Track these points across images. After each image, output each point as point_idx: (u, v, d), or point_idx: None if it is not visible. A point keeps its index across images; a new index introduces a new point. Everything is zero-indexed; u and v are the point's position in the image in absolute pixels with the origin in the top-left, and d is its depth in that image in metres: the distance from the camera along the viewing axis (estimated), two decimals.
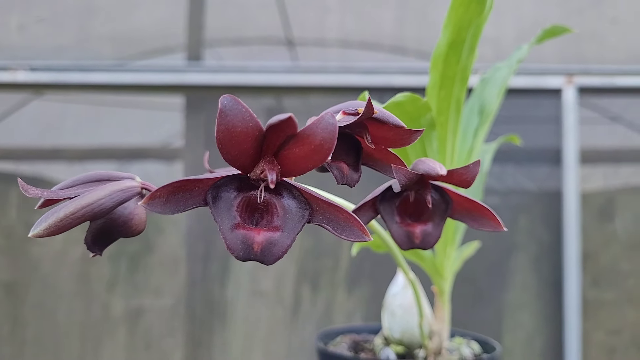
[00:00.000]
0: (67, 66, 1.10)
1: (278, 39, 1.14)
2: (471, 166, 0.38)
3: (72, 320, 1.10)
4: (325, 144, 0.28)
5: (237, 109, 0.27)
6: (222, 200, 0.31)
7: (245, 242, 0.30)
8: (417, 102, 0.52)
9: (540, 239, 1.12)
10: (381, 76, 1.09)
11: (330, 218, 0.32)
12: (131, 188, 0.35)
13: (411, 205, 0.42)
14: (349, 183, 0.38)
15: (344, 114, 0.37)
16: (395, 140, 0.38)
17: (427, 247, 0.42)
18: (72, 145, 1.14)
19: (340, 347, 0.68)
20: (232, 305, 1.10)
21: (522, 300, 1.11)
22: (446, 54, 0.54)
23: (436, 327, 0.65)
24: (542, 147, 1.14)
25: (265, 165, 0.30)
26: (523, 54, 0.63)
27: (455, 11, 0.51)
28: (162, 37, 1.13)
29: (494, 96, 0.62)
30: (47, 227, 0.31)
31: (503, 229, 0.41)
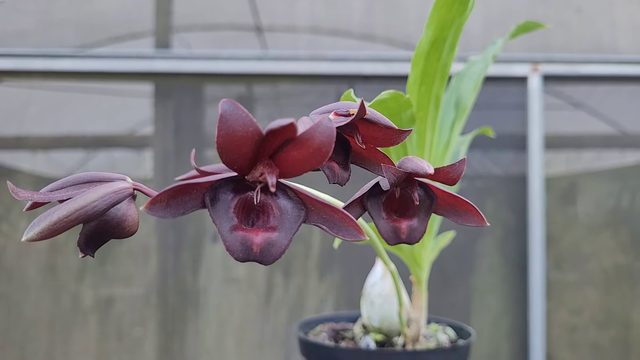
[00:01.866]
0: (29, 52, 1.07)
1: (248, 26, 1.12)
2: (457, 164, 0.39)
3: (40, 311, 1.08)
4: (323, 147, 0.29)
5: (237, 114, 0.28)
6: (220, 202, 0.31)
7: (245, 244, 0.30)
8: (399, 99, 0.53)
9: (506, 223, 1.14)
10: (351, 64, 1.09)
11: (326, 218, 0.32)
12: (123, 189, 0.34)
13: (397, 201, 0.42)
14: (339, 182, 0.39)
15: (336, 114, 0.38)
16: (384, 140, 0.39)
17: (413, 241, 0.43)
18: (36, 133, 1.11)
19: (320, 336, 0.69)
20: (205, 293, 1.10)
21: (489, 283, 1.14)
22: (428, 52, 0.55)
23: (414, 315, 0.66)
24: (508, 133, 1.16)
25: (265, 169, 0.30)
26: (497, 49, 0.64)
27: (438, 11, 0.52)
28: (128, 23, 1.10)
29: (469, 91, 0.63)
30: (40, 230, 0.31)
31: (486, 223, 0.42)
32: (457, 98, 0.65)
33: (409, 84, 0.58)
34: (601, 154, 1.20)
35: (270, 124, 0.28)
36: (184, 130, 1.09)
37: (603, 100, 1.17)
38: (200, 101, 1.11)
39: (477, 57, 0.67)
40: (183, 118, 1.09)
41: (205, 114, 1.11)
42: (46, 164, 1.11)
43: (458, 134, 0.65)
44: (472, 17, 1.15)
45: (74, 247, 1.08)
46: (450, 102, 0.65)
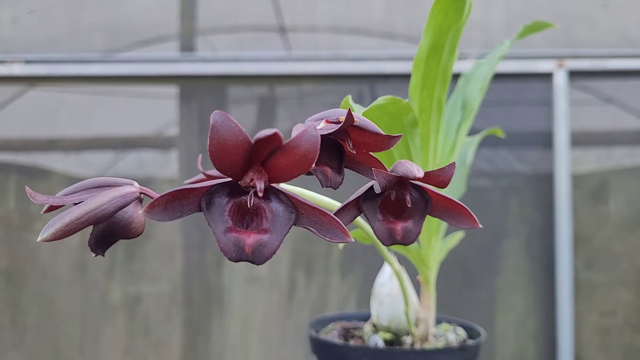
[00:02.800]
0: (61, 58, 1.11)
1: (270, 27, 1.14)
2: (447, 168, 0.40)
3: (71, 307, 1.12)
4: (309, 154, 0.30)
5: (227, 125, 0.29)
6: (215, 206, 0.33)
7: (237, 245, 0.32)
8: (399, 104, 0.54)
9: (532, 222, 1.13)
10: (372, 63, 1.10)
11: (315, 221, 0.34)
12: (130, 194, 0.37)
13: (392, 203, 0.43)
14: (332, 186, 0.40)
15: (327, 122, 0.39)
16: (375, 145, 0.40)
17: (408, 242, 0.43)
18: (68, 135, 1.15)
19: (331, 334, 0.69)
20: (229, 291, 1.12)
21: (515, 284, 1.12)
22: (427, 57, 0.55)
23: (422, 314, 0.67)
24: (533, 130, 1.14)
25: (254, 175, 0.32)
26: (505, 50, 0.64)
27: (434, 17, 0.52)
28: (154, 27, 1.13)
29: (476, 92, 0.63)
30: (54, 231, 0.33)
31: (479, 225, 0.42)
32: (464, 99, 0.65)
33: (410, 88, 0.59)
34: (633, 150, 1.17)
35: (257, 133, 0.30)
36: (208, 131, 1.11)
37: (634, 94, 1.14)
38: (224, 102, 1.13)
39: (484, 59, 0.66)
40: (207, 119, 1.12)
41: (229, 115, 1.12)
42: (78, 164, 1.15)
43: (464, 135, 0.65)
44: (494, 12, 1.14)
45: None
46: (457, 104, 0.65)
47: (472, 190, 1.13)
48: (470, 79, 0.66)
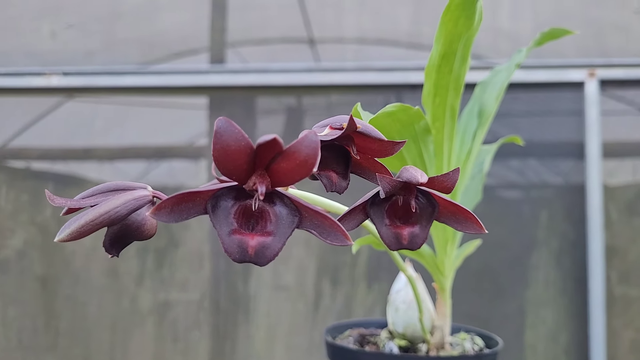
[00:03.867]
0: (96, 70, 1.15)
1: (298, 39, 1.15)
2: (451, 174, 0.40)
3: (102, 312, 1.14)
4: (309, 159, 0.31)
5: (230, 130, 0.30)
6: (220, 209, 0.34)
7: (241, 246, 0.33)
8: (409, 111, 0.54)
9: (564, 234, 1.10)
10: (398, 73, 1.10)
11: (317, 224, 0.35)
12: (143, 197, 0.38)
13: (400, 208, 0.44)
14: (337, 190, 0.41)
15: (331, 128, 0.40)
16: (380, 151, 0.41)
17: (415, 247, 0.44)
18: (102, 145, 1.19)
19: (347, 340, 0.69)
20: (255, 299, 1.13)
21: (545, 297, 1.10)
22: (439, 64, 0.55)
23: (438, 322, 0.66)
24: (564, 141, 1.12)
25: (257, 179, 0.33)
26: (522, 58, 0.63)
27: (445, 26, 0.53)
28: (185, 40, 1.16)
29: (492, 99, 0.63)
30: (70, 232, 0.35)
31: (484, 231, 0.42)
32: (480, 107, 0.64)
33: (423, 95, 0.59)
34: None
35: (258, 139, 0.31)
36: None
37: None
38: (252, 113, 1.15)
39: (501, 66, 0.66)
40: None
41: (257, 126, 1.14)
42: (112, 173, 1.18)
43: (480, 142, 0.64)
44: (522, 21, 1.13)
45: (134, 252, 1.14)
46: (474, 111, 0.65)
47: (502, 202, 1.12)
48: (487, 86, 0.65)
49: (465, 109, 0.67)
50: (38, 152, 1.19)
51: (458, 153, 0.64)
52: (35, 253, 1.15)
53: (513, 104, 1.13)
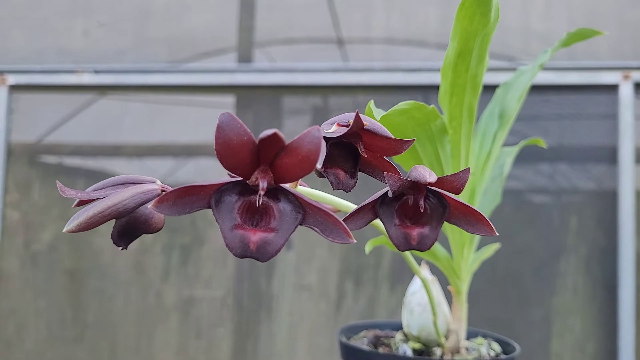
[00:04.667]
0: (126, 68, 1.17)
1: (326, 39, 1.15)
2: (461, 174, 0.40)
3: (128, 307, 1.16)
4: (312, 155, 0.31)
5: (232, 125, 0.30)
6: (224, 204, 0.34)
7: (243, 241, 0.32)
8: (423, 109, 0.53)
9: (594, 240, 1.08)
10: (426, 74, 1.09)
11: (320, 221, 0.34)
12: (152, 190, 0.38)
13: (410, 208, 0.43)
14: (344, 188, 0.41)
15: (338, 125, 0.40)
16: (388, 149, 0.40)
17: (424, 248, 0.43)
18: (131, 142, 1.21)
19: (361, 341, 0.69)
20: (278, 298, 1.13)
21: (573, 304, 1.07)
22: (455, 63, 0.54)
23: (453, 326, 0.65)
24: (596, 145, 1.10)
25: (259, 174, 0.33)
26: (546, 58, 0.62)
27: (460, 23, 0.52)
28: (213, 39, 1.17)
29: (514, 101, 0.61)
30: (78, 223, 0.36)
31: (495, 233, 0.42)
32: (502, 108, 0.63)
33: (440, 95, 0.58)
34: None
35: (261, 133, 0.31)
36: None
37: None
38: (278, 112, 1.16)
39: (525, 67, 0.65)
40: (261, 128, 1.14)
41: (283, 125, 1.15)
42: (140, 170, 1.20)
43: (500, 144, 0.63)
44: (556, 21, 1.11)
45: (160, 248, 1.16)
46: (495, 112, 0.64)
47: (531, 206, 1.10)
48: (510, 87, 0.64)
49: (486, 110, 0.66)
50: (70, 148, 1.22)
51: (477, 154, 0.63)
52: (64, 247, 1.18)
53: (544, 107, 1.10)
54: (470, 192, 0.63)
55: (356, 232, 0.40)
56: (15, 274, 1.19)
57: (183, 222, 1.14)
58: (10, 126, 1.19)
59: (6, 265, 1.19)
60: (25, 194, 1.20)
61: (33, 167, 1.21)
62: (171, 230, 1.15)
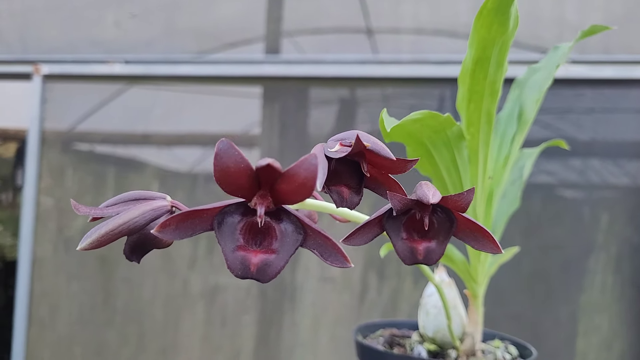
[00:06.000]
0: (156, 59, 1.18)
1: (354, 29, 1.14)
2: (465, 194, 0.40)
3: (156, 293, 1.19)
4: (308, 182, 0.31)
5: (230, 153, 0.31)
6: (226, 225, 0.34)
7: (244, 263, 0.33)
8: (438, 118, 0.53)
9: (623, 238, 1.05)
10: (454, 66, 1.07)
11: (320, 244, 0.35)
12: (161, 207, 0.39)
13: (417, 222, 0.43)
14: (348, 206, 0.41)
15: (341, 145, 0.40)
16: (393, 168, 0.40)
17: (430, 263, 0.43)
18: (160, 131, 1.23)
19: (377, 340, 0.69)
20: (302, 289, 1.14)
21: (600, 303, 1.05)
22: (472, 70, 0.54)
23: (469, 329, 0.65)
24: (630, 140, 1.06)
25: (257, 200, 0.33)
26: (562, 56, 0.60)
27: (477, 32, 0.51)
28: (241, 30, 1.17)
29: (532, 103, 0.60)
30: (91, 241, 0.37)
31: (501, 251, 0.41)
32: (520, 110, 0.62)
33: (457, 101, 0.57)
34: None
35: (257, 162, 0.31)
36: (288, 131, 1.14)
37: None
38: (305, 103, 1.15)
39: (539, 64, 0.63)
40: (288, 119, 1.14)
41: (309, 116, 1.15)
42: (169, 159, 1.22)
43: (518, 147, 0.62)
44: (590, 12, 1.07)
45: None
46: (513, 114, 0.63)
47: (561, 202, 1.08)
48: (524, 87, 0.63)
49: (504, 112, 0.64)
50: (101, 136, 1.25)
51: (496, 158, 0.62)
52: None
53: (576, 101, 1.08)
54: (488, 196, 0.62)
55: None
56: (49, 258, 1.22)
57: None
58: (44, 114, 1.22)
59: (40, 250, 1.22)
60: (58, 181, 1.23)
61: (66, 154, 1.24)
62: None
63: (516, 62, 1.04)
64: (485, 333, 0.69)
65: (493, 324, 0.73)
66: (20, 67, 1.22)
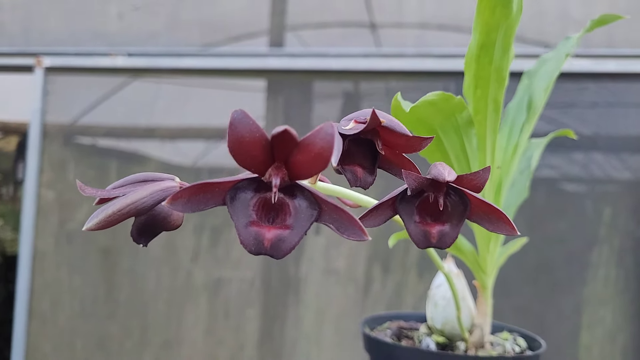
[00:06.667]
0: (159, 52, 1.18)
1: (358, 23, 1.14)
2: (481, 172, 0.39)
3: (159, 285, 1.19)
4: (324, 152, 0.30)
5: (245, 122, 0.31)
6: (239, 201, 0.34)
7: (257, 239, 0.33)
8: (450, 100, 0.52)
9: (627, 231, 1.06)
10: (458, 60, 1.07)
11: (336, 218, 0.34)
12: (170, 188, 0.38)
13: (430, 205, 0.43)
14: (362, 185, 0.40)
15: (355, 122, 0.39)
16: (407, 146, 0.40)
17: (444, 246, 0.43)
18: (164, 124, 1.22)
19: (385, 332, 0.69)
20: (306, 281, 1.14)
21: (604, 296, 1.06)
22: (477, 55, 0.53)
23: (478, 320, 0.65)
24: (634, 135, 1.07)
25: (272, 171, 0.33)
26: (571, 46, 0.60)
27: (481, 15, 0.51)
28: (245, 24, 1.17)
29: (541, 91, 0.60)
30: (98, 221, 0.36)
31: (517, 232, 0.41)
32: (529, 99, 0.62)
33: (464, 87, 0.57)
34: None
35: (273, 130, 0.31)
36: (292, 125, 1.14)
37: None
38: (309, 97, 1.15)
39: (548, 54, 0.63)
40: (292, 113, 1.14)
41: (313, 109, 1.15)
42: (173, 152, 1.22)
43: (527, 136, 0.62)
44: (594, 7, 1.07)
45: (192, 228, 1.18)
46: (523, 103, 0.63)
47: (564, 196, 1.08)
48: (534, 76, 0.62)
49: (513, 101, 0.64)
50: (104, 129, 1.24)
51: (505, 147, 0.62)
52: None
53: (580, 95, 1.08)
54: (497, 186, 0.62)
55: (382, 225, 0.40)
56: (50, 251, 1.22)
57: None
58: (46, 107, 1.22)
59: (41, 244, 1.22)
60: (60, 174, 1.23)
61: (68, 147, 1.23)
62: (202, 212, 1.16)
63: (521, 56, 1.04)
64: (494, 325, 0.69)
65: (498, 316, 0.73)
66: (22, 60, 1.21)
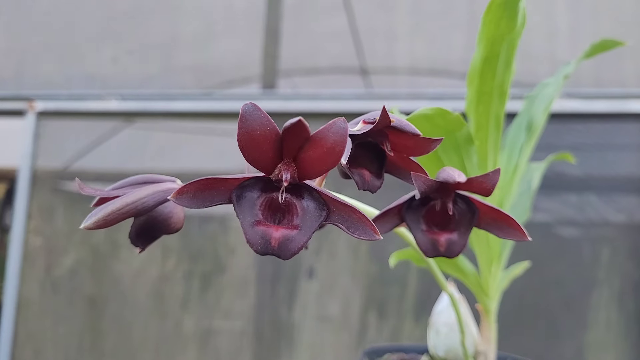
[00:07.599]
0: (153, 95, 1.18)
1: (349, 68, 1.16)
2: (491, 174, 0.39)
3: (147, 335, 1.14)
4: (337, 146, 0.30)
5: (256, 115, 0.30)
6: (245, 199, 0.33)
7: (264, 238, 0.32)
8: (447, 116, 0.52)
9: (626, 274, 1.04)
10: (450, 102, 1.08)
11: (345, 218, 0.33)
12: (171, 189, 0.37)
13: (437, 213, 0.42)
14: (370, 189, 0.40)
15: (364, 122, 0.39)
16: (415, 149, 0.39)
17: (452, 255, 0.42)
18: (155, 169, 1.21)
19: None
20: (299, 329, 1.11)
21: (606, 340, 1.03)
22: (481, 69, 0.54)
23: (482, 347, 0.62)
24: (626, 176, 1.07)
25: (282, 166, 0.32)
26: (570, 70, 0.61)
27: (486, 27, 0.51)
28: (239, 68, 1.19)
29: (540, 113, 0.60)
30: (96, 220, 0.35)
31: (528, 238, 0.40)
32: (529, 120, 0.62)
33: (466, 103, 0.57)
34: None
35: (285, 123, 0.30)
36: None
37: None
38: None
39: (549, 79, 0.64)
40: None
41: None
42: None
43: (527, 158, 0.62)
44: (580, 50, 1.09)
45: (181, 276, 1.15)
46: (522, 125, 0.63)
47: (559, 239, 1.07)
48: (534, 100, 0.63)
49: (513, 123, 0.64)
50: (94, 175, 1.23)
51: (505, 168, 0.62)
52: (85, 273, 1.17)
53: (569, 136, 1.09)
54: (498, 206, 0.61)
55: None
56: (35, 299, 1.18)
57: (204, 248, 1.13)
58: (37, 152, 1.21)
59: (26, 291, 1.18)
60: (48, 220, 1.20)
61: (56, 193, 1.21)
62: (192, 257, 1.14)
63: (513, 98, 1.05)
64: (498, 356, 0.67)
65: None
66: (14, 104, 1.21)
